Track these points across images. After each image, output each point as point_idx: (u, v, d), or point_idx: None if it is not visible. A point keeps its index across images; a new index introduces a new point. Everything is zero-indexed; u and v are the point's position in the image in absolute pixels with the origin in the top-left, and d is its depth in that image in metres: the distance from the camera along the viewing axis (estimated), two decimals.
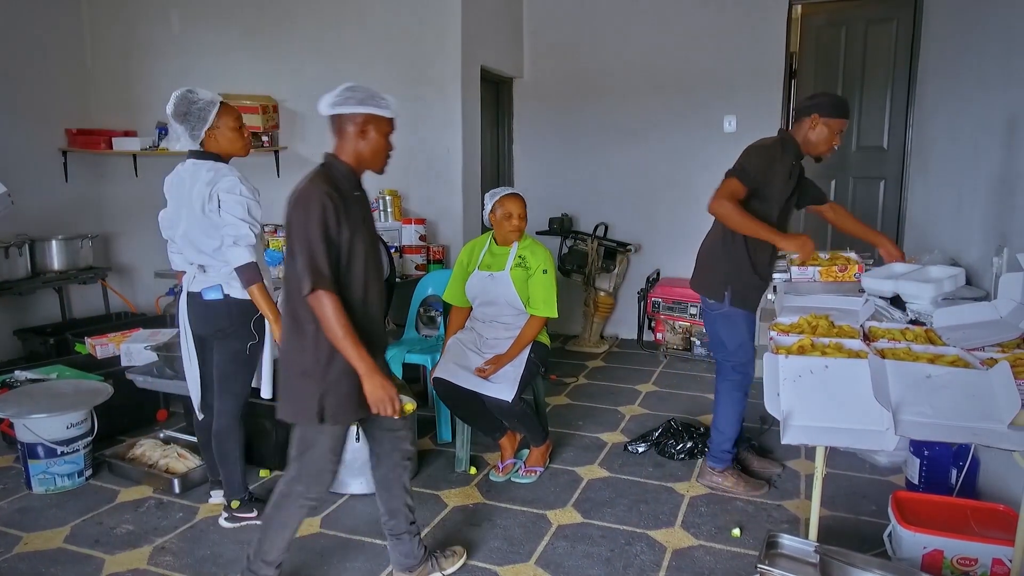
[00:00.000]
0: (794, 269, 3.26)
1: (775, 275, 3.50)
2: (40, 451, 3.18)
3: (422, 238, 4.88)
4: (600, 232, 5.66)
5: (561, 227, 5.66)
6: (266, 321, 2.79)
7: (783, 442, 2.13)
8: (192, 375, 2.96)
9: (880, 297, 3.04)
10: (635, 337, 5.64)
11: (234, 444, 2.88)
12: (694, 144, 5.51)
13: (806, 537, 2.42)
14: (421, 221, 4.91)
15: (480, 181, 5.35)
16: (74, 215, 5.45)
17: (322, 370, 2.13)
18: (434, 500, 3.11)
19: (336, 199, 2.07)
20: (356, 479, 3.14)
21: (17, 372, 3.74)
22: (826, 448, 2.33)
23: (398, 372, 3.87)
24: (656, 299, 5.31)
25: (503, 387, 3.12)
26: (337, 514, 3.01)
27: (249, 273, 2.64)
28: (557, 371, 4.92)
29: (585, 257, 5.51)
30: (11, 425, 3.33)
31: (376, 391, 2.12)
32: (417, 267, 4.81)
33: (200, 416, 3.03)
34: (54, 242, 4.98)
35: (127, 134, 5.37)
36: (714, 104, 5.45)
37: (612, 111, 5.72)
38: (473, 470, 3.39)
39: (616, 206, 5.79)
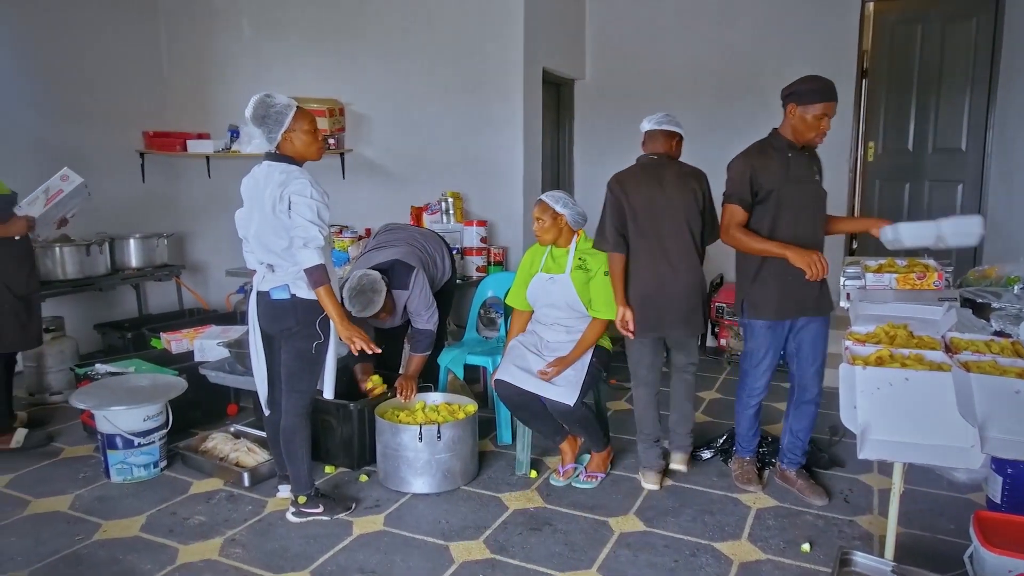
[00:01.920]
0: (869, 276, 3.15)
1: (848, 281, 3.39)
2: (119, 442, 3.31)
3: (483, 240, 4.90)
4: None
5: None
6: (331, 322, 2.84)
7: (860, 457, 2.06)
8: (259, 372, 3.04)
9: (952, 300, 2.90)
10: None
11: (301, 441, 2.94)
12: None
13: (880, 555, 2.34)
14: (482, 223, 4.94)
15: (540, 183, 5.35)
16: (150, 214, 5.68)
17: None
18: (495, 502, 3.12)
19: None
20: (419, 478, 3.17)
21: (98, 365, 3.91)
22: (904, 464, 2.25)
23: (459, 373, 3.91)
24: (719, 304, 5.21)
25: (565, 390, 3.10)
26: (400, 512, 3.04)
27: (317, 275, 2.69)
28: (617, 376, 4.87)
29: None
30: (92, 416, 3.47)
31: None
32: (478, 269, 4.85)
33: (266, 412, 3.11)
34: (132, 240, 5.20)
35: (201, 136, 5.56)
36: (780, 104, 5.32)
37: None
38: (533, 473, 3.38)
39: None
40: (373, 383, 3.59)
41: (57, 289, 4.70)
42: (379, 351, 2.90)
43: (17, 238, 3.60)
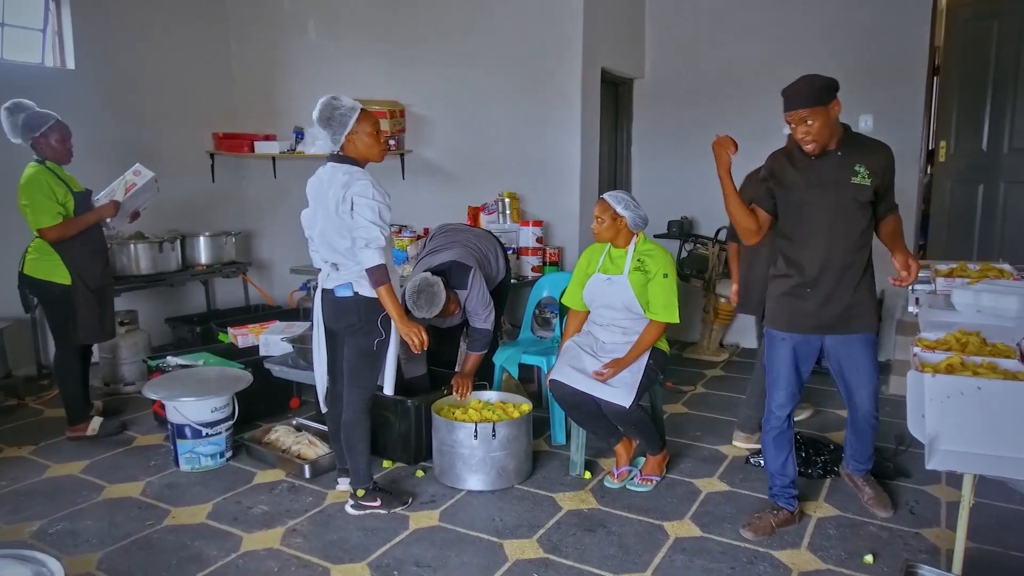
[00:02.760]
0: (939, 280, 3.04)
1: (917, 286, 3.28)
2: (187, 432, 3.44)
3: (539, 240, 4.92)
4: (722, 236, 5.50)
5: (680, 230, 5.55)
6: (392, 320, 2.90)
7: (928, 467, 1.99)
8: (320, 369, 3.12)
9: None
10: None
11: (361, 435, 3.01)
12: None
13: (948, 570, 2.26)
14: (538, 223, 4.95)
15: (597, 184, 5.34)
16: (219, 213, 5.90)
17: None
18: (548, 502, 3.13)
19: None
20: (474, 475, 3.21)
21: (169, 357, 4.08)
22: (975, 476, 2.17)
23: (514, 372, 3.93)
24: None
25: (620, 392, 3.09)
26: (454, 509, 3.08)
27: (378, 274, 2.75)
28: (673, 378, 4.83)
29: (705, 262, 5.37)
30: (163, 406, 3.63)
31: None
32: (533, 269, 4.86)
33: (324, 409, 3.19)
34: (201, 238, 5.40)
35: (267, 138, 5.74)
36: (848, 103, 5.07)
37: (736, 112, 5.54)
38: (588, 475, 3.38)
39: None
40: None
41: (131, 284, 4.92)
42: (424, 348, 2.92)
43: (106, 226, 3.78)
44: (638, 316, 3.23)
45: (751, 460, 3.49)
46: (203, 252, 5.41)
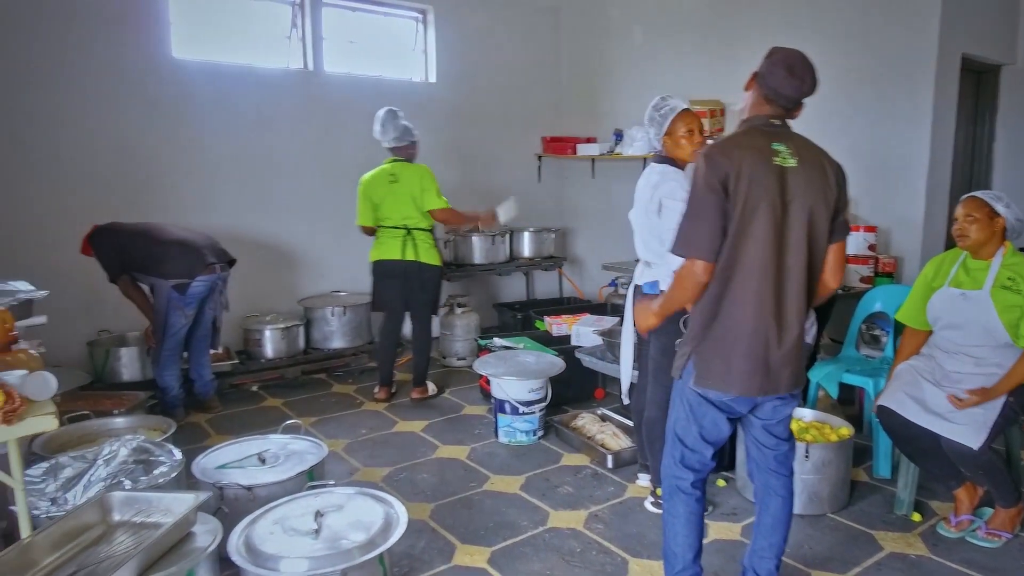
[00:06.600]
0: None
1: None
2: (507, 408, 3.79)
3: (871, 248, 4.45)
4: None
5: None
6: None
7: None
8: (626, 363, 3.20)
9: None
10: None
11: (661, 432, 3.01)
12: None
13: None
14: (871, 229, 4.48)
15: (948, 186, 4.66)
16: (542, 211, 6.36)
17: None
18: (866, 538, 2.84)
19: None
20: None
21: (496, 339, 4.53)
22: None
23: (832, 391, 3.63)
24: None
25: (968, 430, 2.66)
26: None
27: None
28: None
29: None
30: (488, 382, 4.03)
31: None
32: (862, 279, 4.41)
33: (625, 401, 3.26)
34: (526, 233, 5.90)
35: (589, 140, 6.03)
36: None
37: None
38: (916, 516, 2.99)
39: None
40: None
41: (468, 272, 5.55)
42: None
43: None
44: (998, 344, 2.75)
45: None
46: (527, 246, 5.90)
